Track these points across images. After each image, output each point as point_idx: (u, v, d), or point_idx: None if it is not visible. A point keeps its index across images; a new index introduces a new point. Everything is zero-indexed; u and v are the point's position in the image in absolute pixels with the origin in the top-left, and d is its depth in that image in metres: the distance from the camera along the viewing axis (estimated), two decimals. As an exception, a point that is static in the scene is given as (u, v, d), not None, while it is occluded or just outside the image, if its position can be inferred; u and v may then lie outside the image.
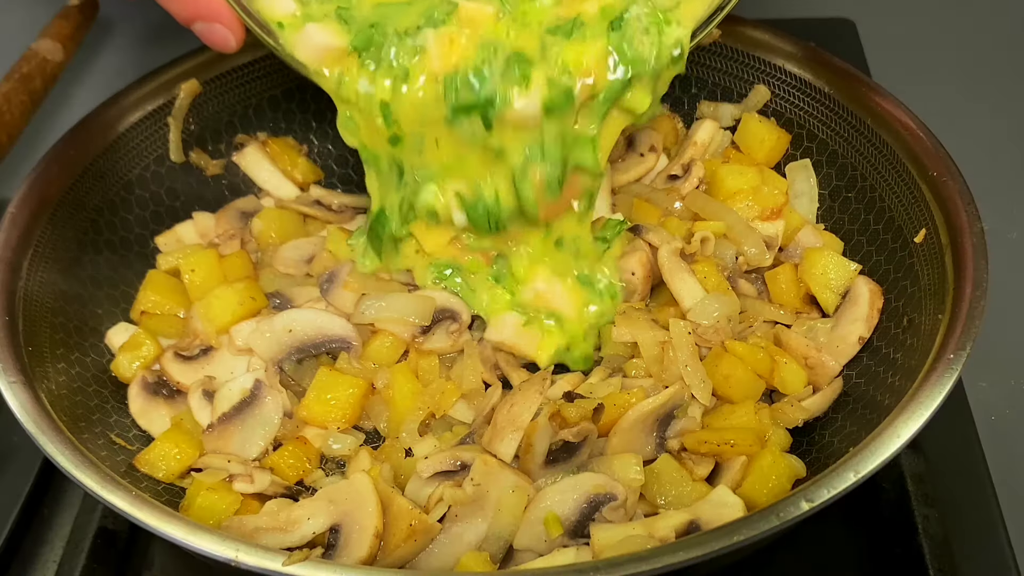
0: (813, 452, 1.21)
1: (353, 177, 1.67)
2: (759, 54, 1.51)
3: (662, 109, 1.60)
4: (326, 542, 1.10)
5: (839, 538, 1.25)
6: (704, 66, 1.57)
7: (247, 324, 1.35)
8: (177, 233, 1.52)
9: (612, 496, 1.10)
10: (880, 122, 1.38)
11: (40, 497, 1.33)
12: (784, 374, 1.26)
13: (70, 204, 1.39)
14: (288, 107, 1.64)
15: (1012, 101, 1.91)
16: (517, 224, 1.30)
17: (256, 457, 1.24)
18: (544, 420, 1.13)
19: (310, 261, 1.46)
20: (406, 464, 1.21)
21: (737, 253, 1.37)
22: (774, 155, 1.51)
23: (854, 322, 1.29)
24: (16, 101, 1.74)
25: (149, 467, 1.20)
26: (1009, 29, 2.07)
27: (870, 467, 0.99)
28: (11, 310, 1.22)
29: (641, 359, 1.29)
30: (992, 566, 1.21)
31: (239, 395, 1.28)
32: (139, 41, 2.15)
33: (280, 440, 1.27)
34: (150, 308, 1.38)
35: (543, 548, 1.09)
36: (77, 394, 1.25)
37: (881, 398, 1.17)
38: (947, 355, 1.08)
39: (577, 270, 1.36)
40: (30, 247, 1.30)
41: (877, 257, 1.36)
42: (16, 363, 1.16)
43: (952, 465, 1.29)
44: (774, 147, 1.50)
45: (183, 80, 1.53)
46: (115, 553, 1.24)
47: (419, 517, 1.09)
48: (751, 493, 1.12)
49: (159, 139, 1.52)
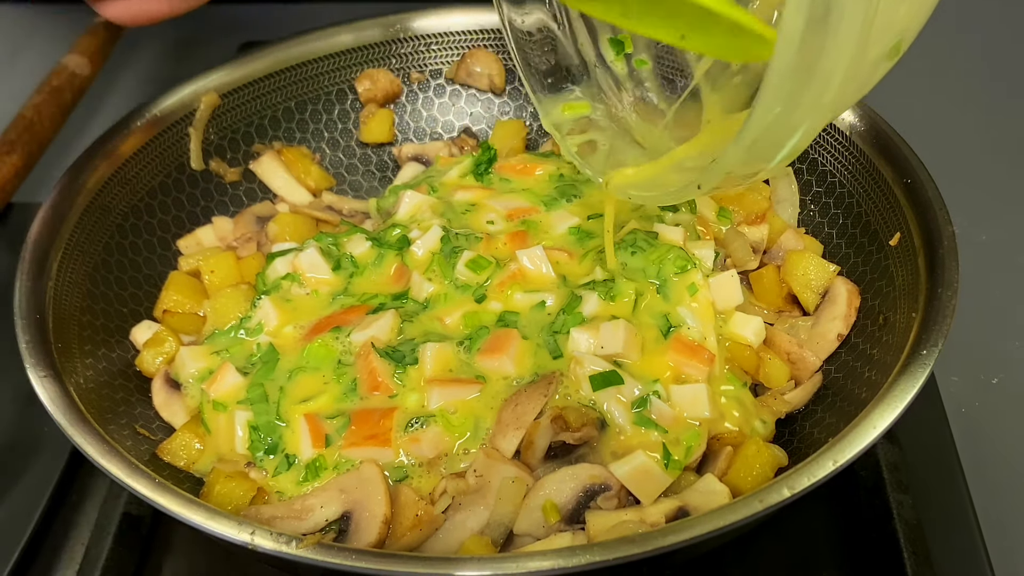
0: (795, 442, 1.21)
1: (363, 184, 1.67)
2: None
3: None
4: (338, 528, 1.10)
5: (819, 523, 1.25)
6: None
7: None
8: (197, 236, 1.52)
9: (606, 486, 1.09)
10: (856, 131, 1.37)
11: (69, 484, 1.33)
12: (768, 369, 1.26)
13: (97, 209, 1.38)
14: (301, 118, 1.64)
15: (983, 110, 1.92)
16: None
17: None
18: (546, 421, 1.13)
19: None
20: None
21: (726, 255, 1.37)
22: (758, 163, 1.50)
23: (833, 320, 1.29)
24: (47, 112, 1.74)
25: (171, 456, 1.20)
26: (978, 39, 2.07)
27: (848, 456, 0.99)
28: (41, 309, 1.22)
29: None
30: (962, 548, 1.21)
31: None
32: (162, 57, 2.15)
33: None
34: (172, 307, 1.38)
35: (541, 533, 1.08)
36: (104, 388, 1.24)
37: (858, 391, 1.17)
38: (920, 351, 1.07)
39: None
40: (60, 249, 1.30)
41: (855, 259, 1.35)
42: (46, 358, 1.16)
43: (925, 454, 1.29)
44: (758, 156, 1.49)
45: (203, 93, 1.53)
46: (139, 537, 1.24)
47: (425, 508, 1.09)
48: (736, 481, 1.12)
49: (181, 148, 1.52)
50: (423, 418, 1.15)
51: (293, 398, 1.21)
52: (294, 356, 1.25)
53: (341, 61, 1.63)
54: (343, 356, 1.23)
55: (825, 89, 0.84)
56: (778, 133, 0.90)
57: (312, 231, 1.51)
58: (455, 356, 1.21)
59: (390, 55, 1.65)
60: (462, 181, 1.49)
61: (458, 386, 1.18)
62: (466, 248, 1.33)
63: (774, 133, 0.89)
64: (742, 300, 1.30)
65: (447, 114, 1.69)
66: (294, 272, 1.36)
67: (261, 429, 1.18)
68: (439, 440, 1.15)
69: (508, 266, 1.30)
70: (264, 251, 1.46)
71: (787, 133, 0.90)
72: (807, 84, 0.83)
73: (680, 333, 1.21)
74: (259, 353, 1.27)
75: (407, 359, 1.20)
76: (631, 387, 1.16)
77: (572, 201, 1.41)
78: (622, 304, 1.23)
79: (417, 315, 1.28)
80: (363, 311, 1.29)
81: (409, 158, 1.66)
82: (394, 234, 1.38)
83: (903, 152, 1.31)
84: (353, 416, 1.17)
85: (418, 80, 1.67)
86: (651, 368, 1.19)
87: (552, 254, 1.31)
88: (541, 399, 1.15)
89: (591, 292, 1.24)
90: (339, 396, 1.20)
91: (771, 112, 0.85)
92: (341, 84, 1.65)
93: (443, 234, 1.34)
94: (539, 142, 1.67)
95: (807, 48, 0.79)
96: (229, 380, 1.24)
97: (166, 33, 2.19)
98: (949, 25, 2.08)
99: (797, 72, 0.81)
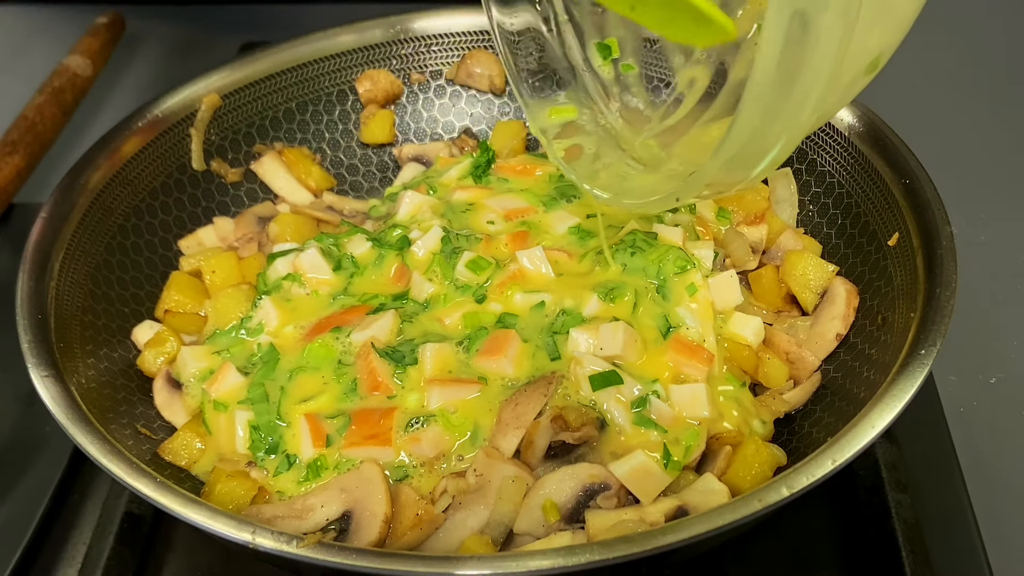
0: (794, 442, 1.21)
1: (363, 184, 1.67)
2: (743, 69, 1.51)
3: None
4: (339, 528, 1.09)
5: (818, 522, 1.24)
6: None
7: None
8: (199, 237, 1.52)
9: (606, 486, 1.09)
10: (855, 132, 1.37)
11: (70, 484, 1.32)
12: (767, 369, 1.26)
13: (99, 209, 1.38)
14: (302, 119, 1.64)
15: (981, 111, 1.92)
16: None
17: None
18: (546, 421, 1.13)
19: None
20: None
21: (725, 255, 1.37)
22: (757, 164, 1.50)
23: (832, 320, 1.29)
24: (48, 113, 1.74)
25: (172, 455, 1.20)
26: (975, 42, 2.07)
27: (847, 455, 0.98)
28: (43, 309, 1.22)
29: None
30: (960, 547, 1.21)
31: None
32: (162, 57, 2.15)
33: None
34: (173, 307, 1.37)
35: (541, 532, 1.08)
36: (105, 387, 1.24)
37: (857, 391, 1.17)
38: (919, 351, 1.07)
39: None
40: (61, 250, 1.30)
41: (853, 259, 1.35)
42: (48, 358, 1.16)
43: (923, 454, 1.29)
44: (757, 157, 1.49)
45: (205, 94, 1.53)
46: (140, 536, 1.24)
47: (426, 507, 1.09)
48: (735, 480, 1.12)
49: (182, 149, 1.52)
50: (423, 418, 1.15)
51: (294, 398, 1.20)
52: (294, 356, 1.25)
53: (342, 62, 1.63)
54: (343, 356, 1.23)
55: (804, 102, 0.85)
56: (757, 146, 0.90)
57: (313, 231, 1.51)
58: (454, 357, 1.21)
59: (391, 56, 1.65)
60: (461, 182, 1.49)
61: (458, 386, 1.18)
62: (466, 249, 1.33)
63: (753, 147, 0.90)
64: (741, 300, 1.30)
65: (447, 115, 1.69)
66: (295, 272, 1.36)
67: (262, 429, 1.18)
68: (439, 440, 1.14)
69: (508, 267, 1.30)
70: (265, 251, 1.46)
71: (766, 147, 0.91)
72: (786, 99, 0.84)
73: (679, 333, 1.21)
74: (260, 353, 1.27)
75: (407, 359, 1.20)
76: (631, 387, 1.16)
77: (572, 202, 1.41)
78: (622, 304, 1.23)
79: (417, 315, 1.28)
80: (363, 311, 1.29)
81: (409, 159, 1.66)
82: (395, 234, 1.38)
83: (901, 152, 1.31)
84: (353, 416, 1.16)
85: (418, 81, 1.67)
86: (651, 368, 1.19)
87: (551, 254, 1.31)
88: (541, 399, 1.14)
89: (591, 293, 1.24)
90: (339, 396, 1.20)
91: (750, 126, 0.86)
92: (342, 85, 1.65)
93: (443, 235, 1.34)
94: (539, 143, 1.67)
95: (786, 64, 0.80)
96: (230, 380, 1.23)
97: (167, 34, 2.19)
98: (948, 25, 2.09)
99: (776, 87, 0.82)
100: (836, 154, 1.40)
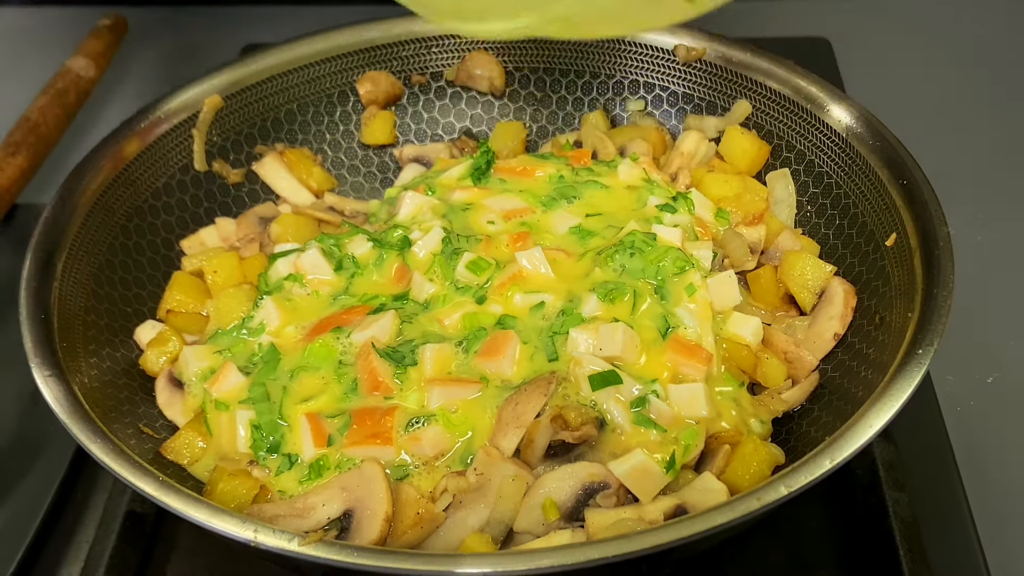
0: (792, 441, 1.21)
1: (364, 185, 1.67)
2: (741, 71, 1.51)
3: (651, 121, 1.60)
4: (340, 526, 1.09)
5: (816, 521, 1.25)
6: (691, 82, 1.56)
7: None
8: (201, 237, 1.52)
9: (605, 484, 1.09)
10: (853, 133, 1.37)
11: (73, 483, 1.32)
12: (765, 368, 1.26)
13: (101, 210, 1.38)
14: (304, 120, 1.64)
15: (979, 111, 1.92)
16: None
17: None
18: (546, 420, 1.13)
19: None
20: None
21: (723, 256, 1.37)
22: (755, 165, 1.50)
23: (830, 320, 1.29)
24: (51, 114, 1.74)
25: (174, 454, 1.20)
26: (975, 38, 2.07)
27: (844, 455, 0.99)
28: (46, 309, 1.22)
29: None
30: (958, 546, 1.21)
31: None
32: (165, 59, 2.15)
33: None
34: (175, 307, 1.37)
35: (541, 531, 1.08)
36: (108, 387, 1.24)
37: (855, 390, 1.17)
38: (916, 351, 1.07)
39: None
40: (64, 250, 1.30)
41: (851, 259, 1.35)
42: (51, 358, 1.16)
43: (921, 453, 1.29)
44: (755, 157, 1.49)
45: (206, 95, 1.53)
46: (143, 535, 1.24)
47: (426, 506, 1.09)
48: (734, 479, 1.12)
49: (184, 150, 1.52)
50: (424, 417, 1.15)
51: (295, 397, 1.21)
52: (295, 356, 1.25)
53: (343, 63, 1.63)
54: (343, 356, 1.23)
55: None
56: None
57: (314, 232, 1.51)
58: (454, 357, 1.21)
59: (391, 57, 1.65)
60: (460, 183, 1.49)
61: (459, 386, 1.18)
62: (467, 250, 1.33)
63: None
64: (740, 300, 1.30)
65: (448, 116, 1.69)
66: (296, 272, 1.36)
67: (263, 428, 1.18)
68: (440, 439, 1.15)
69: (508, 267, 1.30)
70: (267, 252, 1.46)
71: None
72: None
73: (678, 333, 1.21)
74: (261, 353, 1.27)
75: (407, 360, 1.20)
76: (630, 387, 1.16)
77: (572, 202, 1.41)
78: (621, 305, 1.23)
79: (417, 316, 1.28)
80: (364, 311, 1.29)
81: (410, 160, 1.66)
82: (395, 235, 1.38)
83: (899, 153, 1.31)
84: (354, 415, 1.17)
85: (419, 82, 1.67)
86: (650, 368, 1.19)
87: (551, 254, 1.31)
88: (541, 398, 1.15)
89: (590, 293, 1.24)
90: (340, 396, 1.20)
91: None
92: (343, 86, 1.65)
93: (444, 235, 1.34)
94: (539, 144, 1.67)
95: None
96: (231, 380, 1.24)
97: (170, 36, 2.19)
98: (946, 24, 2.09)
99: None
100: (834, 155, 1.41)
